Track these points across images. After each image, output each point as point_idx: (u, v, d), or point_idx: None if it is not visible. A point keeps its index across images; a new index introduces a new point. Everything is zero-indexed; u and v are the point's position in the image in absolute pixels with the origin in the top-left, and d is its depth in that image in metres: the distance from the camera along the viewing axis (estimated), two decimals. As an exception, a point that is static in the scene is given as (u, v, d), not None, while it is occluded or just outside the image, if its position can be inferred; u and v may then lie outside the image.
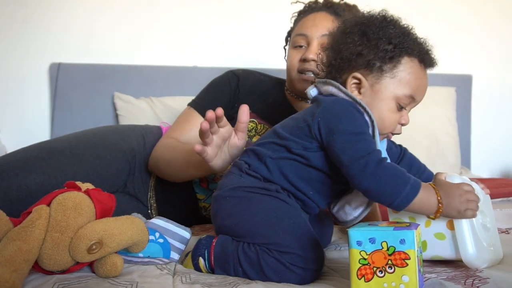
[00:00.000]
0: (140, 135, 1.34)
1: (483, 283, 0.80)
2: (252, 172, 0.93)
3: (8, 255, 0.72)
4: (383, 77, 0.92)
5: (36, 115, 2.20)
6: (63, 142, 1.21)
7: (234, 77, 1.34)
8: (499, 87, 2.50)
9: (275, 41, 2.27)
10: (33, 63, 2.19)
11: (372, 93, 0.92)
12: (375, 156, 0.83)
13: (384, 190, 0.82)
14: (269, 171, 0.92)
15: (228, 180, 0.94)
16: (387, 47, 0.91)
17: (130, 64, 2.21)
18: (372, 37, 0.91)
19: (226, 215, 0.90)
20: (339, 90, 0.92)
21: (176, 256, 0.91)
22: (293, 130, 0.92)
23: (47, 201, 0.81)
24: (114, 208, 0.87)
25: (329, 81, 0.94)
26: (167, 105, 2.07)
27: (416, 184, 0.83)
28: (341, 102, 0.91)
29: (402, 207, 0.83)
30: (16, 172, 1.09)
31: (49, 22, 2.21)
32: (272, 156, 0.92)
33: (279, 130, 0.95)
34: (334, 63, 0.96)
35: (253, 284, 0.80)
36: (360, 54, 0.92)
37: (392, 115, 0.93)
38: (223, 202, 0.92)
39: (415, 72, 0.92)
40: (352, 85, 0.94)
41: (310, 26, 1.29)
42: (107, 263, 0.80)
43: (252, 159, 0.95)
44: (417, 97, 0.94)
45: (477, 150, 2.46)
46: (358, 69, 0.93)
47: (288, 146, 0.91)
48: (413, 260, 0.70)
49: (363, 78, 0.93)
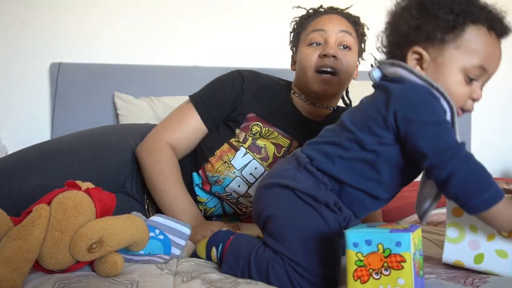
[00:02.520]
0: (139, 135, 1.33)
1: (483, 282, 0.80)
2: (313, 168, 0.86)
3: (8, 254, 0.72)
4: (446, 48, 0.85)
5: (36, 115, 2.20)
6: (63, 143, 1.21)
7: (239, 78, 1.31)
8: (499, 87, 2.50)
9: (275, 40, 2.27)
10: (33, 63, 2.20)
11: (436, 67, 0.86)
12: (463, 150, 0.77)
13: (465, 186, 0.75)
14: (338, 168, 0.85)
15: (283, 171, 0.89)
16: (448, 17, 0.84)
17: (130, 64, 2.22)
18: (431, 8, 0.85)
19: (266, 206, 0.87)
20: (410, 73, 0.85)
21: (177, 251, 0.91)
22: (366, 123, 0.84)
23: (47, 200, 0.81)
24: (114, 207, 0.87)
25: (398, 62, 0.87)
26: (167, 104, 2.07)
27: (500, 191, 0.76)
28: (416, 89, 0.83)
29: (478, 211, 0.76)
30: (17, 174, 1.09)
31: (49, 22, 2.21)
32: (343, 156, 0.85)
33: (349, 125, 0.87)
34: (393, 39, 0.90)
35: (253, 284, 0.80)
36: (418, 27, 0.86)
37: (460, 89, 0.86)
38: (269, 193, 0.88)
39: (483, 40, 0.85)
40: (413, 61, 0.88)
41: (327, 22, 1.27)
42: (107, 262, 0.79)
43: (317, 155, 0.87)
44: (489, 68, 0.86)
45: (477, 150, 2.45)
46: (417, 43, 0.87)
47: (362, 143, 0.84)
48: (409, 263, 0.69)
49: (424, 52, 0.86)
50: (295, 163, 0.89)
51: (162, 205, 1.20)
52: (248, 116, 1.28)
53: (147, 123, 1.51)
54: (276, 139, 1.27)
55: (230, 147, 1.26)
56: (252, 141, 1.26)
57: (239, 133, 1.27)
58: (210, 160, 1.26)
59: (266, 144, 1.26)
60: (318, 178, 0.86)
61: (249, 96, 1.28)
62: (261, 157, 1.26)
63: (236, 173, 1.25)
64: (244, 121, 1.27)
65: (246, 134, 1.26)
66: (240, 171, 1.25)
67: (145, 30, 2.27)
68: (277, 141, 1.27)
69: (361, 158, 0.84)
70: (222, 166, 1.25)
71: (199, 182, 1.30)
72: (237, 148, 1.26)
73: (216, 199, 1.32)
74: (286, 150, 1.29)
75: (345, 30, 1.26)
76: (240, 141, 1.26)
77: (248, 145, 1.26)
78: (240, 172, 1.25)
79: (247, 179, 1.26)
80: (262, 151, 1.26)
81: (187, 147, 1.29)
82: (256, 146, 1.26)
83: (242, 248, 0.86)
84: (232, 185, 1.26)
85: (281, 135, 1.28)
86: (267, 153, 1.26)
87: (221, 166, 1.25)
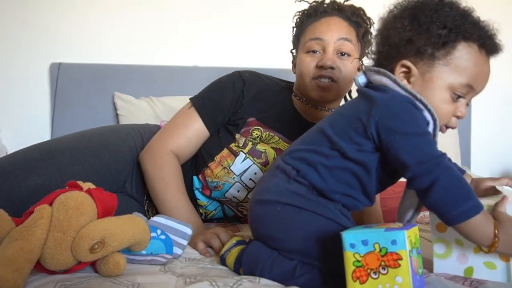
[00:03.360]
0: (139, 135, 1.33)
1: (481, 283, 0.80)
2: (301, 178, 0.87)
3: (10, 255, 0.72)
4: (435, 64, 0.84)
5: (36, 115, 2.20)
6: (63, 143, 1.21)
7: (240, 81, 1.29)
8: (499, 87, 2.50)
9: (275, 40, 2.27)
10: (33, 63, 2.20)
11: (423, 82, 0.85)
12: (444, 161, 0.77)
13: (446, 196, 0.76)
14: (322, 179, 0.85)
15: (274, 186, 0.89)
16: (440, 32, 0.83)
17: (130, 64, 2.22)
18: (424, 21, 0.84)
19: (272, 225, 0.86)
20: (395, 83, 0.85)
21: (179, 251, 0.91)
22: (346, 131, 0.85)
23: (49, 200, 0.81)
24: (115, 208, 0.87)
25: (383, 71, 0.87)
26: (167, 105, 2.07)
27: (479, 205, 0.76)
28: (398, 99, 0.83)
29: (456, 222, 0.76)
30: (17, 174, 1.09)
31: (49, 22, 2.21)
32: (325, 164, 0.85)
33: (328, 132, 0.87)
34: (382, 49, 0.89)
35: (255, 283, 0.80)
36: (409, 40, 0.85)
37: (445, 107, 0.85)
38: (269, 210, 0.87)
39: (473, 58, 0.84)
40: (400, 74, 0.87)
41: (325, 30, 1.23)
42: (109, 262, 0.80)
43: (301, 165, 0.88)
44: (477, 87, 0.86)
45: (477, 150, 2.46)
46: (407, 57, 0.86)
47: (342, 150, 0.84)
48: (406, 261, 0.69)
49: (412, 66, 0.86)
50: (283, 175, 0.89)
51: (163, 214, 1.19)
52: (248, 120, 1.27)
53: (147, 123, 1.51)
54: (276, 144, 1.27)
55: (230, 152, 1.25)
56: (252, 146, 1.25)
57: (239, 138, 1.26)
58: (210, 165, 1.25)
59: (267, 149, 1.26)
60: (309, 188, 0.86)
61: (248, 99, 1.27)
62: (261, 162, 1.25)
63: (235, 179, 1.24)
64: (244, 125, 1.26)
65: (246, 139, 1.25)
66: (240, 177, 1.24)
67: (145, 30, 2.27)
68: (278, 146, 1.27)
69: (343, 166, 0.85)
70: (222, 172, 1.24)
71: (199, 187, 1.30)
72: (236, 153, 1.25)
73: (216, 203, 1.32)
74: None
75: (343, 37, 1.23)
76: (240, 146, 1.25)
77: (248, 150, 1.25)
78: (240, 178, 1.24)
79: (246, 185, 1.25)
80: (262, 156, 1.25)
81: (190, 153, 1.28)
82: (256, 150, 1.25)
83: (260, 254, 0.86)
84: (232, 191, 1.26)
85: (281, 140, 1.27)
86: (267, 158, 1.25)
87: (220, 172, 1.25)
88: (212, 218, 1.36)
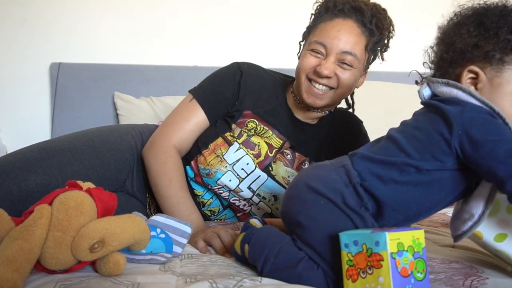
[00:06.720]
0: (138, 134, 1.34)
1: (482, 284, 0.81)
2: (362, 190, 0.83)
3: (9, 254, 0.72)
4: (504, 69, 0.83)
5: (36, 115, 2.21)
6: (63, 142, 1.21)
7: (238, 72, 1.30)
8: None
9: (276, 40, 2.28)
10: (33, 63, 2.20)
11: (492, 88, 0.83)
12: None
13: None
14: (387, 192, 0.82)
15: (331, 181, 0.85)
16: (509, 37, 0.82)
17: (130, 64, 2.22)
18: (490, 27, 0.83)
19: (308, 213, 0.84)
20: (469, 95, 0.82)
21: (179, 250, 0.91)
22: (426, 145, 0.81)
23: (48, 200, 0.81)
24: (115, 207, 0.87)
25: (453, 83, 0.84)
26: (167, 104, 2.07)
27: None
28: (478, 110, 0.80)
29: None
30: (17, 173, 1.09)
31: (49, 22, 2.21)
32: (397, 180, 0.82)
33: (405, 146, 0.83)
34: (446, 56, 0.88)
35: (257, 282, 0.80)
36: (476, 45, 0.84)
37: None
38: (314, 198, 0.84)
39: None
40: (467, 80, 0.85)
41: (333, 37, 1.20)
42: (109, 261, 0.80)
43: (369, 175, 0.84)
44: None
45: None
46: (474, 62, 0.85)
47: (420, 166, 0.81)
48: (386, 262, 0.70)
49: (480, 72, 0.84)
50: (345, 177, 0.85)
51: (165, 210, 1.20)
52: (244, 112, 1.29)
53: (145, 123, 1.51)
54: (269, 139, 1.29)
55: (224, 141, 1.28)
56: (247, 138, 1.27)
57: (235, 128, 1.28)
58: (203, 152, 1.27)
59: (260, 142, 1.28)
60: (364, 201, 0.83)
61: (244, 91, 1.29)
62: (254, 154, 1.27)
63: (227, 167, 1.26)
64: (240, 117, 1.29)
65: (241, 130, 1.28)
66: (232, 166, 1.26)
67: (145, 30, 2.27)
68: (270, 141, 1.29)
69: (415, 181, 0.82)
70: (214, 160, 1.26)
71: (192, 176, 1.31)
72: (230, 142, 1.27)
73: (211, 192, 1.33)
74: (277, 151, 1.30)
75: (348, 51, 1.19)
76: (234, 136, 1.27)
77: (242, 141, 1.27)
78: (232, 167, 1.26)
79: (238, 174, 1.27)
80: (256, 148, 1.28)
81: (190, 146, 1.30)
82: (251, 142, 1.28)
83: (269, 238, 0.87)
84: (223, 179, 1.27)
85: (275, 135, 1.29)
86: (260, 151, 1.28)
87: (213, 160, 1.26)
88: (211, 210, 1.36)
